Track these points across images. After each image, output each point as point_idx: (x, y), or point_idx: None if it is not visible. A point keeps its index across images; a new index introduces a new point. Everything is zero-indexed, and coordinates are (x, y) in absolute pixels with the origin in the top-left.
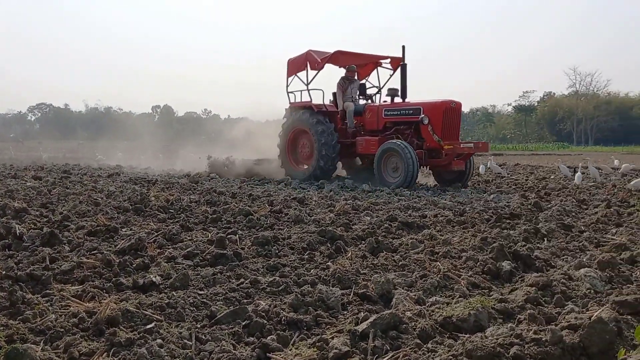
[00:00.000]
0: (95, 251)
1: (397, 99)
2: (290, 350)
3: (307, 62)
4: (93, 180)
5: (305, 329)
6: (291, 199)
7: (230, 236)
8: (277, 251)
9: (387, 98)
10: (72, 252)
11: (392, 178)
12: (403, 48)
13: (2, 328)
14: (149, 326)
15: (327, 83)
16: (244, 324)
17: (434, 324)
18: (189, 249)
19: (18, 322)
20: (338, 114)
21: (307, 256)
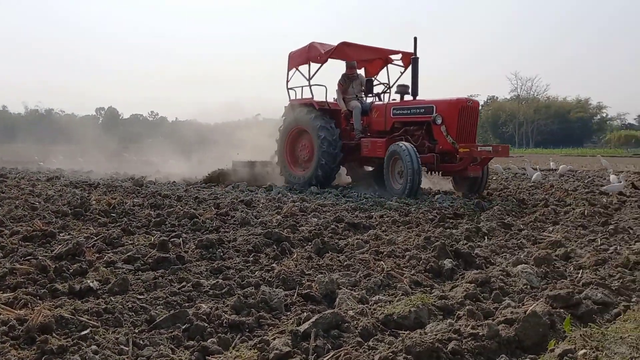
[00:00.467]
0: (30, 257)
1: (408, 97)
2: (231, 352)
3: (309, 55)
4: (31, 184)
5: (247, 331)
6: (238, 201)
7: (173, 239)
8: (221, 254)
9: (396, 96)
10: (4, 258)
11: (398, 184)
12: (415, 40)
13: None
14: (83, 332)
15: (332, 79)
16: (184, 327)
17: (375, 322)
18: (129, 253)
19: None
20: (342, 113)
21: (252, 258)
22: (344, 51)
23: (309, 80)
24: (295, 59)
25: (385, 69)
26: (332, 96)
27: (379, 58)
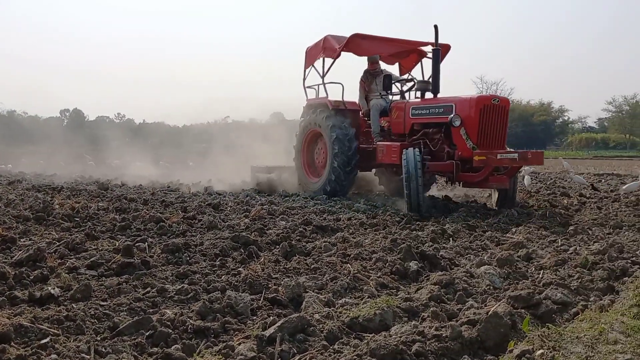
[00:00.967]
0: None
1: (429, 95)
2: (195, 359)
3: (324, 49)
4: None
5: (212, 336)
6: (205, 204)
7: (138, 244)
8: (188, 258)
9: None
10: None
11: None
12: (436, 29)
13: None
14: (43, 341)
15: (351, 75)
16: (147, 334)
17: (341, 325)
18: (93, 259)
19: None
20: (362, 113)
21: (219, 262)
22: (358, 44)
23: (323, 77)
24: (311, 55)
25: (420, 64)
26: (352, 95)
27: (412, 52)
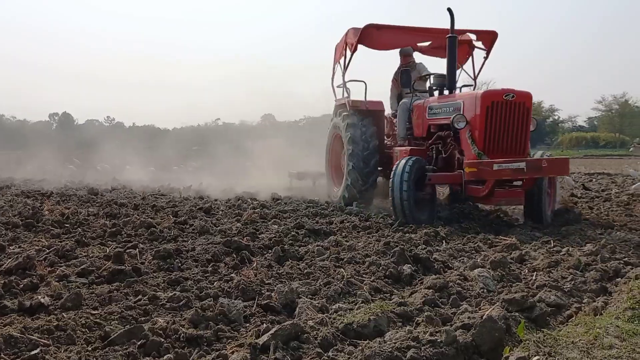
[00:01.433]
0: None
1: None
2: None
3: (345, 44)
4: None
5: (205, 344)
6: (197, 209)
7: (129, 250)
8: (179, 264)
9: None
10: None
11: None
12: (450, 13)
13: None
14: (33, 352)
15: (381, 70)
16: (139, 343)
17: (335, 332)
18: (83, 266)
19: None
20: (391, 115)
21: (211, 268)
22: (373, 36)
23: (343, 74)
24: (338, 51)
25: (471, 57)
26: (382, 94)
27: (463, 42)
